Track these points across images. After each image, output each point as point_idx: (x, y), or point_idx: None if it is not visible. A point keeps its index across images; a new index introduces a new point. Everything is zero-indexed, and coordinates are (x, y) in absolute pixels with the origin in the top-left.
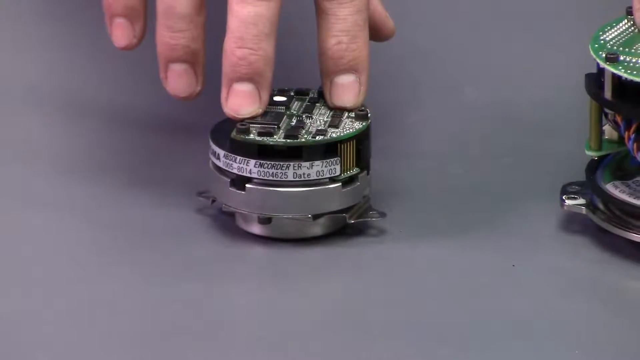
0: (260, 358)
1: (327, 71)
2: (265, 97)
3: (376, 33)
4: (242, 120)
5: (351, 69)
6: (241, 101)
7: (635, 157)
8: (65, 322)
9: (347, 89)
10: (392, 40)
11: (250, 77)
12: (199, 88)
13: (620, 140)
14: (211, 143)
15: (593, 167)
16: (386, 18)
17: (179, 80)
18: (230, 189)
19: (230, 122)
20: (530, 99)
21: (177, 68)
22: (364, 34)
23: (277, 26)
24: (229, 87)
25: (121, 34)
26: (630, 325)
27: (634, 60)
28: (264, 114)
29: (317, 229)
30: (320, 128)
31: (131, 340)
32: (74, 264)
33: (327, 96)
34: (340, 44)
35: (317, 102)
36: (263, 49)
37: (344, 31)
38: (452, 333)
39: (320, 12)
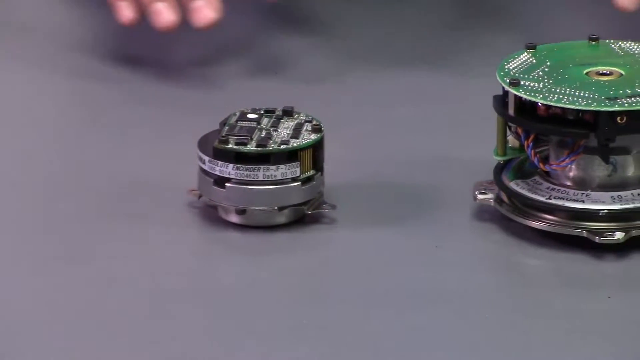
0: (237, 318)
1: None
2: (217, 4)
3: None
4: (207, 28)
5: None
6: (205, 10)
7: (532, 161)
8: (79, 291)
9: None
10: (340, 71)
11: None
12: (176, 19)
13: (521, 148)
14: (198, 151)
15: (500, 169)
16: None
17: (161, 16)
18: (213, 187)
19: (213, 135)
20: (450, 115)
21: (157, 6)
22: None
23: None
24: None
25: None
26: (528, 293)
27: (531, 84)
28: (240, 127)
29: (282, 218)
30: (284, 139)
31: (135, 303)
32: (90, 246)
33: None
34: None
35: (282, 119)
36: None
37: None
38: (390, 298)
39: None
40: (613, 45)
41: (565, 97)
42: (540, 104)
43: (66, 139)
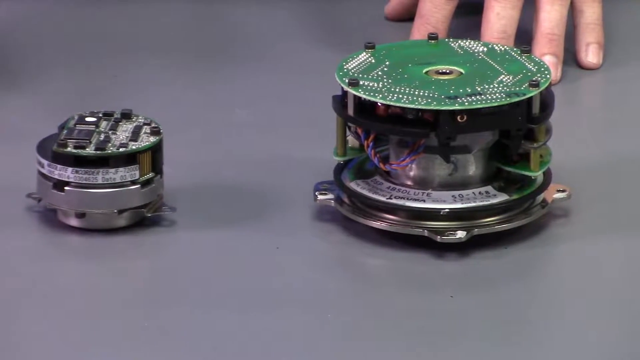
0: (78, 321)
1: None
2: None
3: None
4: None
5: None
6: None
7: (373, 161)
8: None
9: None
10: (178, 73)
11: None
12: None
13: (361, 148)
14: (37, 155)
15: (340, 169)
16: None
17: None
18: (52, 190)
19: (51, 139)
20: (289, 116)
21: None
22: None
23: None
24: None
25: None
26: (370, 293)
27: (371, 84)
28: (79, 131)
29: (121, 221)
30: (123, 142)
31: None
32: None
33: None
34: None
35: (121, 122)
36: None
37: None
38: (231, 300)
39: None
40: (453, 44)
41: (405, 97)
42: (379, 104)
43: None
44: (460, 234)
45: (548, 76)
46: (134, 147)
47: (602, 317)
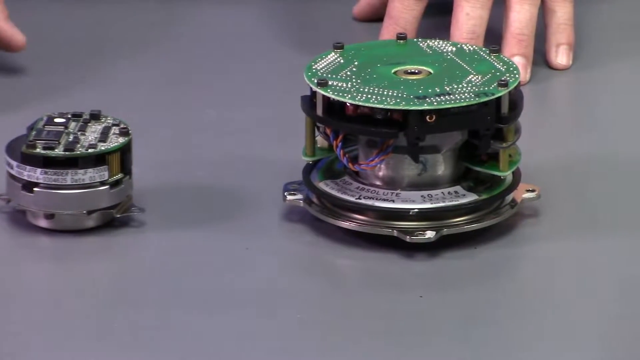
0: (47, 323)
1: None
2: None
3: (8, 46)
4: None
5: None
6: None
7: (342, 161)
8: None
9: None
10: (147, 74)
11: None
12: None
13: (330, 148)
14: (6, 156)
15: (309, 169)
16: (14, 32)
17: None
18: (21, 191)
19: (20, 140)
20: (258, 116)
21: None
22: None
23: None
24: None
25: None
26: (340, 293)
27: (339, 84)
28: (47, 132)
29: (90, 222)
30: (92, 143)
31: None
32: None
33: None
34: None
35: (89, 122)
36: None
37: None
38: (201, 301)
39: None
40: (421, 44)
41: (374, 97)
42: (348, 104)
43: None
44: (430, 234)
45: (517, 76)
46: (102, 148)
47: (571, 316)
